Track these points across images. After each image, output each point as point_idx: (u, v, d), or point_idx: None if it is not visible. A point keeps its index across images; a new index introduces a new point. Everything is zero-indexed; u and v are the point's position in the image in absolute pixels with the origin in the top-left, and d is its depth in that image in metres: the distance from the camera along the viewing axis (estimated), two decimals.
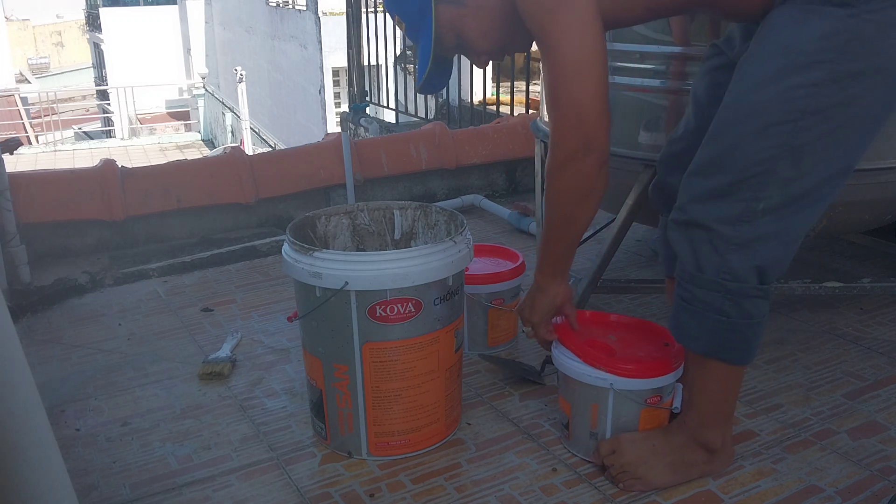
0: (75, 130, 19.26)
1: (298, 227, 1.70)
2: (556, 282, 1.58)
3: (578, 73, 1.35)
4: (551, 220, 1.50)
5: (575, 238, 1.52)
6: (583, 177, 1.41)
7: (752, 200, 1.34)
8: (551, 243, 1.54)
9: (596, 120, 1.36)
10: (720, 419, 1.50)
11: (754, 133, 1.32)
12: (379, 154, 3.33)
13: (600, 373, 1.51)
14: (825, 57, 1.27)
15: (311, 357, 1.62)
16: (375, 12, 5.64)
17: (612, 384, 1.51)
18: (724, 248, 1.36)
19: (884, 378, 1.90)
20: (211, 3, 18.00)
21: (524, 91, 5.01)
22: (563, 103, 1.37)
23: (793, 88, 1.29)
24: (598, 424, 1.55)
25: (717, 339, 1.41)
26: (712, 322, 1.40)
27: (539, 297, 1.60)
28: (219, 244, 2.90)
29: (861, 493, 1.49)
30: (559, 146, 1.40)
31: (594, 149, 1.38)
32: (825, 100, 1.28)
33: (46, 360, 2.11)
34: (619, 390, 1.51)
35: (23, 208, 2.65)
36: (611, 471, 1.52)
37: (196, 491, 1.55)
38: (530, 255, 2.40)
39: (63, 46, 28.97)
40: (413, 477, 1.57)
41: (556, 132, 1.40)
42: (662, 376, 1.52)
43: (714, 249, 1.36)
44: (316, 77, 11.44)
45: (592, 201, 1.44)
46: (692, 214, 1.39)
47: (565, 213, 1.47)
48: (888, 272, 2.49)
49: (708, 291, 1.38)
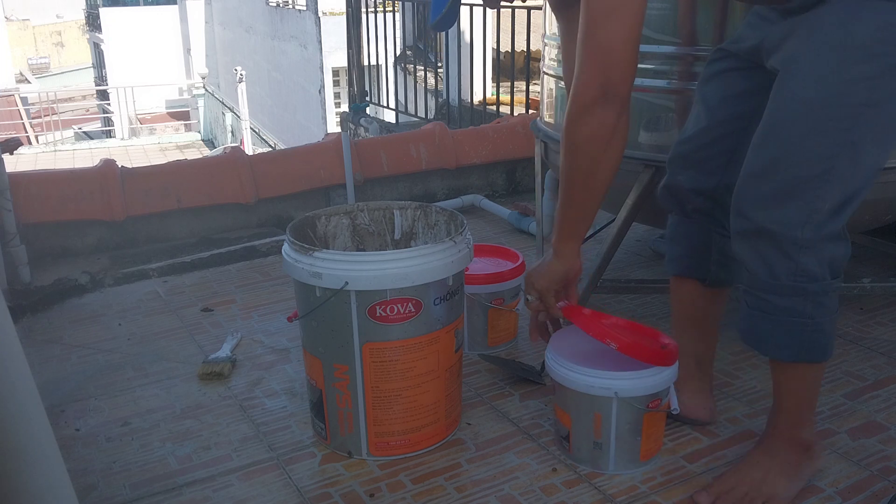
0: (75, 130, 19.26)
1: (298, 227, 1.70)
2: (573, 249, 1.51)
3: (609, 16, 1.29)
4: (569, 177, 1.42)
5: (595, 196, 1.43)
6: (601, 125, 1.34)
7: (817, 200, 1.32)
8: (569, 204, 1.46)
9: (621, 66, 1.31)
10: (810, 415, 1.49)
11: (814, 131, 1.30)
12: (379, 154, 3.33)
13: (604, 381, 1.49)
14: (880, 50, 1.26)
15: (311, 357, 1.62)
16: (375, 12, 5.64)
17: (616, 392, 1.49)
18: (794, 252, 1.34)
19: (884, 378, 1.90)
20: (211, 3, 17.99)
21: (524, 91, 5.01)
22: (589, 47, 1.32)
23: (852, 83, 1.28)
24: (602, 434, 1.54)
25: (804, 343, 1.39)
26: (798, 327, 1.38)
27: (553, 264, 1.53)
28: (219, 244, 2.89)
29: (861, 493, 1.49)
30: (578, 92, 1.34)
31: (614, 95, 1.33)
32: (880, 92, 1.28)
33: (46, 360, 2.11)
34: (623, 398, 1.50)
35: (23, 208, 2.65)
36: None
37: (196, 491, 1.55)
38: (530, 255, 2.40)
39: (63, 46, 28.96)
40: (413, 477, 1.57)
41: (576, 78, 1.34)
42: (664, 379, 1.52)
43: (785, 255, 1.34)
44: (316, 77, 11.44)
45: (612, 153, 1.37)
46: (757, 221, 1.35)
47: (583, 167, 1.40)
48: (888, 272, 2.48)
49: (788, 297, 1.36)
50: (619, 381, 1.50)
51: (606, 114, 1.34)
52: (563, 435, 1.61)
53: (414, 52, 6.28)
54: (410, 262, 1.50)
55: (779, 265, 1.35)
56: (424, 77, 5.75)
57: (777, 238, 1.34)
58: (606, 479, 1.54)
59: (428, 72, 5.80)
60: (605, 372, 1.51)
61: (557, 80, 2.24)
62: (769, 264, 1.36)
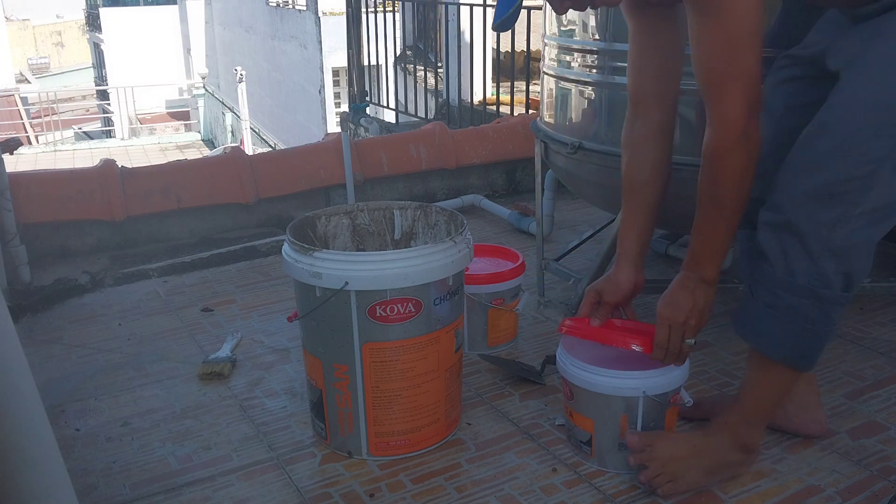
0: (75, 130, 19.26)
1: (298, 227, 1.70)
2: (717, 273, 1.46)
3: (752, 40, 1.30)
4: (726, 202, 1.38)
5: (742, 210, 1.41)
6: (756, 145, 1.35)
7: (852, 205, 1.30)
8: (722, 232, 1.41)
9: (759, 85, 1.33)
10: (763, 420, 1.50)
11: (868, 134, 1.29)
12: (379, 154, 3.33)
13: (631, 381, 1.49)
14: None
15: (311, 357, 1.62)
16: (375, 12, 5.65)
17: (644, 391, 1.50)
18: (818, 254, 1.33)
19: (884, 378, 1.90)
20: (211, 3, 17.98)
21: (524, 91, 5.01)
22: (735, 73, 1.31)
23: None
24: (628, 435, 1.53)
25: (797, 346, 1.39)
26: (798, 329, 1.38)
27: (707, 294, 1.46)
28: (219, 244, 2.89)
29: (861, 493, 1.49)
30: (733, 117, 1.33)
31: (757, 113, 1.34)
32: None
33: (46, 360, 2.11)
34: (650, 396, 1.50)
35: (23, 208, 2.65)
36: (647, 472, 1.48)
37: (196, 491, 1.55)
38: (530, 255, 2.40)
39: (63, 46, 28.95)
40: (413, 477, 1.57)
41: (726, 101, 1.33)
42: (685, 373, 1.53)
43: (808, 254, 1.33)
44: (316, 77, 11.43)
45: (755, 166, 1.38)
46: (790, 215, 1.34)
47: (743, 192, 1.37)
48: (888, 272, 2.48)
49: (798, 297, 1.36)
50: (646, 379, 1.50)
51: (755, 132, 1.35)
52: (584, 440, 1.59)
53: (414, 52, 6.29)
54: (410, 262, 1.50)
55: (798, 263, 1.35)
56: (424, 77, 5.75)
57: (805, 236, 1.33)
58: (607, 479, 1.54)
59: (428, 72, 5.80)
60: (632, 372, 1.51)
61: (558, 80, 2.24)
62: (789, 261, 1.35)
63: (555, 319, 2.25)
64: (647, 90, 1.59)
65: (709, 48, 1.34)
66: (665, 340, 1.48)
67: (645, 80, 1.59)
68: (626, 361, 1.55)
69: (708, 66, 1.35)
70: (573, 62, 2.16)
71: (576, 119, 2.21)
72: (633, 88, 1.62)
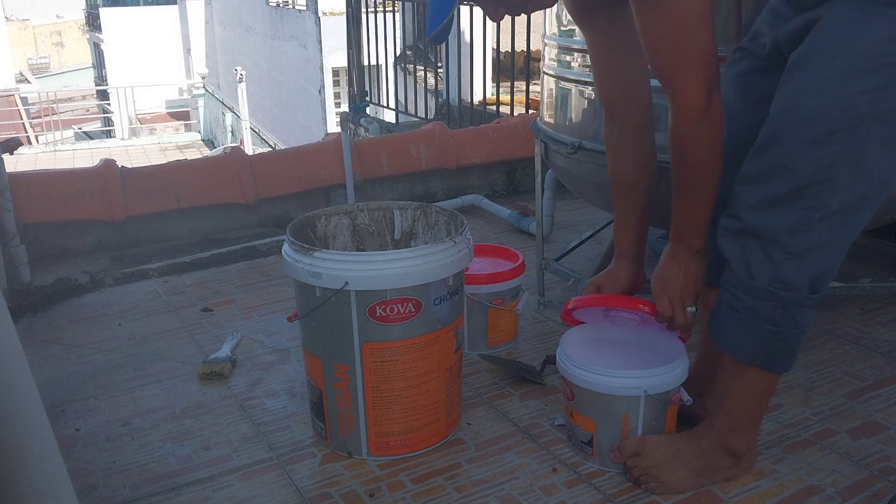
0: (75, 130, 19.26)
1: (298, 227, 1.70)
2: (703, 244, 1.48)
3: (702, 22, 1.32)
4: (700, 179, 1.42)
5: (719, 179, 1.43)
6: (720, 117, 1.37)
7: (810, 209, 1.30)
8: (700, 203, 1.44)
9: (715, 58, 1.34)
10: (750, 425, 1.49)
11: (814, 140, 1.28)
12: (379, 154, 3.33)
13: (633, 381, 1.50)
14: (888, 60, 1.24)
15: (311, 357, 1.62)
16: (375, 12, 5.64)
17: (645, 391, 1.50)
18: (777, 257, 1.33)
19: (884, 378, 1.90)
20: (211, 3, 17.99)
21: (524, 91, 5.01)
22: (688, 54, 1.33)
23: (854, 94, 1.26)
24: (629, 435, 1.54)
25: (763, 348, 1.39)
26: (761, 331, 1.38)
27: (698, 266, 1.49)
28: (219, 244, 2.90)
29: (861, 493, 1.49)
30: (692, 98, 1.35)
31: (716, 86, 1.36)
32: (886, 104, 1.26)
33: (46, 360, 2.11)
34: (651, 395, 1.50)
35: (23, 208, 2.65)
36: (633, 472, 1.50)
37: (196, 491, 1.55)
38: (530, 255, 2.40)
39: (63, 46, 28.96)
40: (413, 477, 1.57)
41: (684, 85, 1.35)
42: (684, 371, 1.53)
43: (768, 258, 1.34)
44: (316, 77, 11.44)
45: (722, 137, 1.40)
46: (748, 222, 1.35)
47: (715, 166, 1.40)
48: (888, 272, 2.48)
49: (759, 300, 1.36)
50: (647, 378, 1.50)
51: (717, 106, 1.36)
52: (585, 440, 1.59)
53: (414, 52, 6.28)
54: (410, 262, 1.50)
55: (758, 267, 1.35)
56: (424, 77, 5.75)
57: (764, 240, 1.34)
58: (607, 479, 1.54)
59: (428, 72, 5.80)
60: (633, 371, 1.51)
61: (557, 80, 2.24)
62: (749, 265, 1.36)
63: (555, 319, 2.25)
64: (614, 93, 1.60)
65: (658, 38, 1.36)
66: (668, 311, 1.50)
67: (609, 83, 1.61)
68: (626, 361, 1.55)
69: (660, 55, 1.37)
70: (573, 62, 2.16)
71: (576, 119, 2.21)
72: (601, 93, 1.64)
